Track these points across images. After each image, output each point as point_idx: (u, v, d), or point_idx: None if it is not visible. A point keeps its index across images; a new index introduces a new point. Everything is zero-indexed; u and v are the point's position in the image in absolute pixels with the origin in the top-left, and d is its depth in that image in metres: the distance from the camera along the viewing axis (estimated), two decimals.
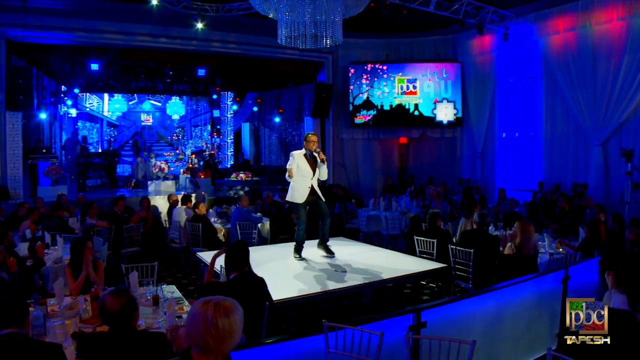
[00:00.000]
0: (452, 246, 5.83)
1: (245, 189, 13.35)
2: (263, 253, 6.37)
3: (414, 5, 10.70)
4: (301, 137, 14.29)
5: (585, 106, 10.67)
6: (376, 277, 5.19)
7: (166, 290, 4.37)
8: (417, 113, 13.99)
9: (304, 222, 5.96)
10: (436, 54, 14.14)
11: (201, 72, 14.64)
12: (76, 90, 15.22)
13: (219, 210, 9.76)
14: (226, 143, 18.82)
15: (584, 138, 10.89)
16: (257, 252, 6.16)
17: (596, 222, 6.09)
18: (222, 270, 4.52)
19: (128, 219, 8.41)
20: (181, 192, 11.00)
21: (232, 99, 18.67)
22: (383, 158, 15.25)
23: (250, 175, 14.94)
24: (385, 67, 14.02)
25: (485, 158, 13.52)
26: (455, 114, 13.85)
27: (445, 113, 13.88)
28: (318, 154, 5.77)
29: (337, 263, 5.74)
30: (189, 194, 10.01)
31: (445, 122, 13.94)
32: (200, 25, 11.35)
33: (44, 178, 11.47)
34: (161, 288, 4.35)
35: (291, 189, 5.90)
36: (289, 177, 5.68)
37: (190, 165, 14.63)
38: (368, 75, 14.04)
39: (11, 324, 2.60)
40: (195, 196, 10.35)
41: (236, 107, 19.01)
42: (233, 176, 14.82)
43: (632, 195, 8.97)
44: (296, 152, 5.82)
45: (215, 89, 17.87)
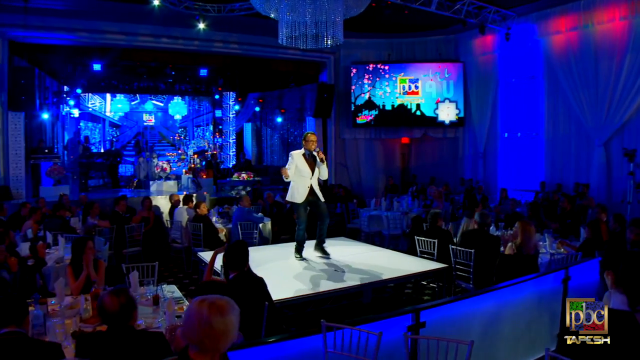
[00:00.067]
0: (453, 246, 5.82)
1: (247, 189, 13.36)
2: (264, 253, 6.37)
3: (416, 5, 10.69)
4: None
5: (587, 106, 10.64)
6: (377, 277, 5.18)
7: (166, 290, 4.37)
8: (419, 113, 13.97)
9: (304, 222, 5.96)
10: (438, 54, 14.12)
11: (203, 73, 14.64)
12: (78, 90, 15.24)
13: (221, 210, 9.76)
14: (228, 143, 18.86)
15: (586, 138, 10.87)
16: (259, 252, 6.18)
17: (597, 222, 6.06)
18: (222, 269, 4.52)
19: (130, 219, 8.43)
20: (183, 192, 11.01)
21: (234, 99, 18.71)
22: (385, 158, 15.24)
23: (252, 175, 14.93)
24: (387, 67, 14.01)
25: (487, 158, 13.49)
26: (457, 114, 13.83)
27: (447, 113, 13.86)
28: (317, 154, 5.76)
29: (338, 263, 5.74)
30: (191, 194, 10.02)
31: (447, 122, 13.92)
32: (202, 25, 11.39)
33: (46, 178, 11.50)
34: (161, 288, 4.36)
35: (291, 189, 5.91)
36: (285, 178, 5.68)
37: (192, 165, 14.67)
38: (370, 75, 14.03)
39: (10, 323, 2.62)
40: (196, 196, 10.35)
41: (238, 107, 19.04)
42: (235, 176, 14.80)
43: (634, 195, 8.94)
44: (295, 152, 5.81)
45: (217, 89, 17.90)
